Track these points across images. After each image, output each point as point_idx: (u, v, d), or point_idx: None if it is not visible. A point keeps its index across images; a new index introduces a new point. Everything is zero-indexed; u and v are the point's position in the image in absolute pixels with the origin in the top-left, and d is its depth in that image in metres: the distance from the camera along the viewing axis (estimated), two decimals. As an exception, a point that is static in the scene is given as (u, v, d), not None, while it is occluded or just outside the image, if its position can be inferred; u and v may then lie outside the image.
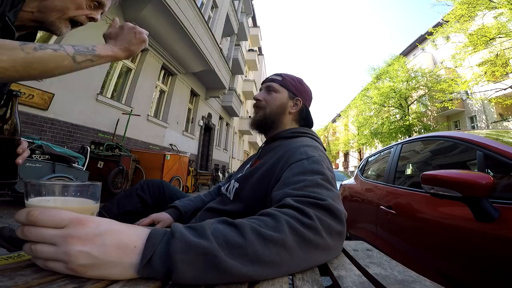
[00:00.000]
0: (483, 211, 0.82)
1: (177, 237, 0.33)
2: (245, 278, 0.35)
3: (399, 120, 15.48)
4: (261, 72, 20.68)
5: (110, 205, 0.90)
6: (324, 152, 0.70)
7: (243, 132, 17.22)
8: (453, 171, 0.87)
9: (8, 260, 0.38)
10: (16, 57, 0.47)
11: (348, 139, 24.49)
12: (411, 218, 1.26)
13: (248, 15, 13.83)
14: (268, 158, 0.72)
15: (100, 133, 4.37)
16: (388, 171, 1.78)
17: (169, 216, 0.81)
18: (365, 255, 0.54)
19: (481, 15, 9.52)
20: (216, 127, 10.95)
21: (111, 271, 0.32)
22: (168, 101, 6.82)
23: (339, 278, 0.40)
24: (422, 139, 1.65)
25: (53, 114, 3.52)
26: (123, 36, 0.64)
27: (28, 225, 0.33)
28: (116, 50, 0.62)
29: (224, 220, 0.40)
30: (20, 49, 0.47)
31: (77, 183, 0.40)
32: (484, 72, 10.04)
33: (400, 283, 0.37)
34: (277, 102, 0.82)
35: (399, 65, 15.57)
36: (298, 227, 0.40)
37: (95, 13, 0.69)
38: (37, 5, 0.63)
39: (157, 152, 4.76)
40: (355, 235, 1.96)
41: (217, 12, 8.50)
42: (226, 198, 0.77)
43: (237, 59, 11.28)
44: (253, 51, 16.52)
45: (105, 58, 0.60)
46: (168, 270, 0.32)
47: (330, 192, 0.51)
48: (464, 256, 0.92)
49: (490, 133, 1.26)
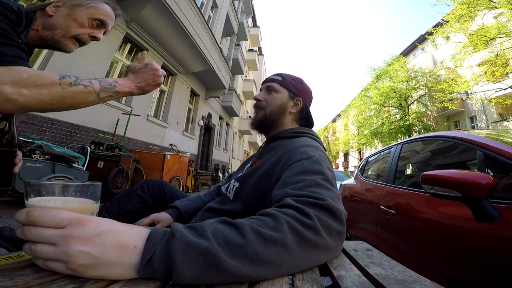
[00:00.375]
0: (483, 211, 0.82)
1: (177, 237, 0.33)
2: (245, 278, 0.35)
3: (399, 120, 15.48)
4: (261, 72, 20.68)
5: (110, 205, 0.90)
6: (324, 152, 0.70)
7: (243, 132, 17.21)
8: (453, 171, 0.87)
9: (8, 260, 0.38)
10: (54, 92, 0.50)
11: (348, 139, 24.49)
12: (411, 218, 1.26)
13: (248, 15, 13.83)
14: (268, 158, 0.72)
15: (100, 133, 4.37)
16: (388, 171, 1.78)
17: (169, 216, 0.81)
18: (365, 255, 0.54)
19: (481, 15, 9.52)
20: (216, 127, 10.95)
21: (111, 271, 0.32)
22: (168, 101, 6.82)
23: (339, 278, 0.40)
24: (422, 139, 1.64)
25: (53, 114, 3.52)
26: (143, 75, 0.67)
27: (28, 225, 0.33)
28: (132, 87, 0.65)
29: (224, 220, 0.40)
30: (59, 84, 0.51)
31: (77, 183, 0.40)
32: (484, 72, 10.04)
33: (400, 283, 0.37)
34: (277, 102, 0.82)
35: (399, 65, 15.57)
36: (298, 227, 0.40)
37: (97, 32, 0.72)
38: (41, 23, 0.66)
39: (157, 152, 4.76)
40: (355, 235, 1.96)
41: (217, 12, 8.50)
42: (226, 198, 0.77)
43: (237, 59, 11.28)
44: (253, 51, 16.52)
45: (122, 94, 0.64)
46: (168, 270, 0.32)
47: (330, 192, 0.51)
48: (464, 256, 0.92)
49: (490, 133, 1.26)
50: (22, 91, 0.47)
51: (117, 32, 4.72)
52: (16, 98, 0.47)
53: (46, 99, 0.50)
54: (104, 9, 0.73)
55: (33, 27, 0.65)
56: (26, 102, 0.48)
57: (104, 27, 0.73)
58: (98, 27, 0.72)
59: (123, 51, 5.25)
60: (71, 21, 0.67)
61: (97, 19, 0.71)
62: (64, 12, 0.67)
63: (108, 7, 0.74)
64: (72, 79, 0.53)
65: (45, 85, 0.49)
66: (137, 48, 5.54)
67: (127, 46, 5.33)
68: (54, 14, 0.67)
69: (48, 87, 0.50)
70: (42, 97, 0.49)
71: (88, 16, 0.69)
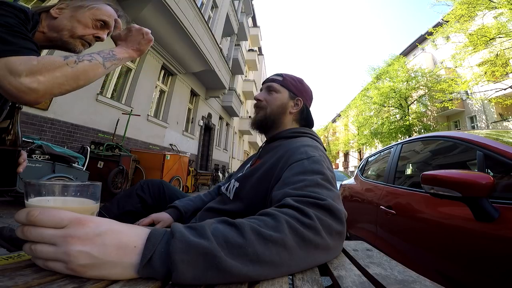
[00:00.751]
0: (483, 211, 0.82)
1: (177, 237, 0.33)
2: (245, 278, 0.35)
3: (399, 120, 15.48)
4: (261, 72, 20.67)
5: (110, 205, 0.90)
6: (324, 152, 0.70)
7: (243, 132, 17.21)
8: (453, 171, 0.87)
9: (8, 260, 0.38)
10: (66, 72, 0.52)
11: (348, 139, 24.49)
12: (411, 218, 1.26)
13: (248, 15, 13.83)
14: (268, 157, 0.72)
15: (100, 133, 4.37)
16: (388, 171, 1.78)
17: (169, 216, 0.81)
18: (365, 255, 0.54)
19: (481, 15, 9.52)
20: (216, 127, 10.95)
21: (111, 271, 0.32)
22: (168, 101, 6.82)
23: (339, 278, 0.40)
24: (422, 139, 1.64)
25: (53, 114, 3.52)
26: (133, 38, 0.68)
27: (28, 225, 0.33)
28: (130, 51, 0.67)
29: (224, 220, 0.40)
30: (66, 64, 0.52)
31: (77, 183, 0.40)
32: (484, 72, 10.04)
33: (400, 283, 0.37)
34: (277, 102, 0.83)
35: (399, 65, 15.56)
36: (298, 227, 0.40)
37: (101, 33, 0.73)
38: (47, 24, 0.68)
39: (157, 152, 4.76)
40: (355, 235, 1.96)
41: (217, 12, 8.50)
42: (226, 198, 0.77)
43: (237, 59, 11.27)
44: (253, 51, 16.51)
45: (124, 60, 0.65)
46: (168, 270, 0.32)
47: (330, 192, 0.51)
48: (464, 256, 0.91)
49: (490, 133, 1.26)
50: (38, 78, 0.48)
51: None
52: (36, 86, 0.48)
53: (62, 81, 0.51)
54: (107, 10, 0.74)
55: (39, 28, 0.67)
56: (47, 88, 0.49)
57: (107, 28, 0.74)
58: (102, 27, 0.73)
59: (123, 51, 5.25)
60: (75, 22, 0.68)
61: (101, 19, 0.72)
62: (68, 14, 0.69)
63: (110, 8, 0.75)
64: (75, 57, 0.55)
65: (56, 68, 0.51)
66: (137, 48, 5.54)
67: (127, 46, 5.33)
68: (58, 16, 0.69)
69: (59, 69, 0.51)
70: (58, 80, 0.51)
71: (92, 17, 0.70)
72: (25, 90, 0.47)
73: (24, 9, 0.59)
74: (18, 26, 0.54)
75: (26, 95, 0.48)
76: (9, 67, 0.47)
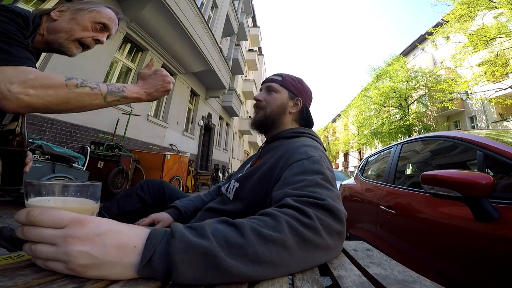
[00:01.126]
0: (483, 211, 0.82)
1: (177, 237, 0.33)
2: (245, 278, 0.35)
3: (399, 120, 15.48)
4: (261, 72, 20.67)
5: (110, 205, 0.90)
6: (324, 152, 0.70)
7: (243, 132, 17.21)
8: (453, 171, 0.87)
9: (8, 260, 0.38)
10: (60, 93, 0.51)
11: (348, 139, 24.50)
12: (411, 218, 1.26)
13: (248, 15, 13.83)
14: (268, 158, 0.72)
15: (100, 133, 4.37)
16: (388, 171, 1.78)
17: (169, 216, 0.81)
18: (365, 255, 0.54)
19: (481, 15, 9.52)
20: (216, 127, 10.95)
21: (111, 271, 0.32)
22: (168, 101, 6.82)
23: (339, 278, 0.40)
24: (422, 139, 1.64)
25: (53, 114, 3.52)
26: (153, 81, 0.67)
27: (28, 225, 0.33)
28: (141, 93, 0.65)
29: (224, 220, 0.40)
30: (65, 85, 0.52)
31: (77, 183, 0.40)
32: (484, 72, 10.04)
33: (400, 283, 0.37)
34: (277, 102, 0.83)
35: (399, 65, 15.56)
36: (298, 227, 0.40)
37: (101, 36, 0.73)
38: (46, 27, 0.68)
39: (157, 152, 4.76)
40: (355, 235, 1.96)
41: (217, 12, 8.50)
42: (226, 198, 0.77)
43: (237, 59, 11.27)
44: (253, 51, 16.51)
45: (130, 100, 0.64)
46: (168, 270, 0.32)
47: (330, 192, 0.51)
48: (464, 256, 0.91)
49: (490, 133, 1.26)
50: (28, 91, 0.48)
51: (117, 32, 4.71)
52: (22, 97, 0.48)
53: (52, 99, 0.51)
54: (107, 13, 0.74)
55: (39, 31, 0.67)
56: (31, 102, 0.49)
57: (107, 30, 0.74)
58: (102, 30, 0.73)
59: (123, 51, 5.25)
60: (74, 25, 0.68)
61: (100, 22, 0.72)
62: (68, 16, 0.69)
63: (110, 11, 0.75)
64: (79, 81, 0.54)
65: (51, 86, 0.50)
66: (137, 48, 5.54)
67: (127, 46, 5.33)
68: (58, 18, 0.68)
69: (54, 88, 0.51)
70: (48, 98, 0.50)
71: (91, 20, 0.70)
72: (11, 98, 0.47)
73: (23, 14, 0.58)
74: (15, 33, 0.53)
75: (10, 103, 0.48)
76: (4, 77, 0.47)
